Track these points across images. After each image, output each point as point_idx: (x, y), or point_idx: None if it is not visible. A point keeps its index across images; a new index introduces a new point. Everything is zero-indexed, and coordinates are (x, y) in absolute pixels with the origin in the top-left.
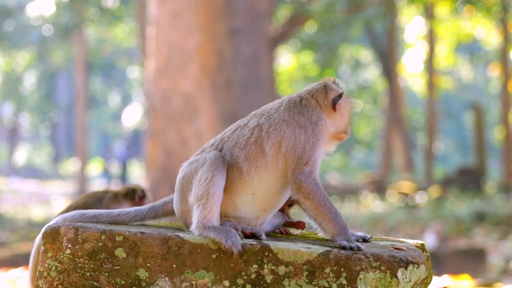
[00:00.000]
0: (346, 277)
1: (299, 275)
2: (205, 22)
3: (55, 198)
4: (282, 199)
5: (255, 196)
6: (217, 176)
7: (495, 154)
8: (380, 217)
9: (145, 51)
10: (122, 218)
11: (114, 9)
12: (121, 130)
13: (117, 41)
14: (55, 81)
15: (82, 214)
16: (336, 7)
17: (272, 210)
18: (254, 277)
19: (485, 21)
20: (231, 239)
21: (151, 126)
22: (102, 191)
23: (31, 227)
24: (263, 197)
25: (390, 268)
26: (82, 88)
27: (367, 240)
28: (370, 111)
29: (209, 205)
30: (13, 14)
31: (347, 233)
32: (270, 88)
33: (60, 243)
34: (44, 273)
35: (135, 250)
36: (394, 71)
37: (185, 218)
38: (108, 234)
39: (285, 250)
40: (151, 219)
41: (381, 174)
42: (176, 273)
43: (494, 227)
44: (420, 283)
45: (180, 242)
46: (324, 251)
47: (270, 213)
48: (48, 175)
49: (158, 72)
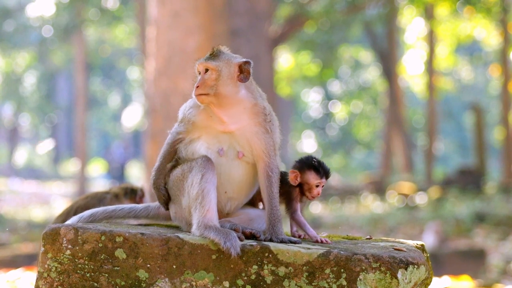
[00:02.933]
0: (346, 278)
1: (299, 276)
2: (205, 23)
3: (55, 199)
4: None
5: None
6: (207, 174)
7: (495, 154)
8: (380, 218)
9: (145, 51)
10: (117, 213)
11: (114, 10)
12: (121, 130)
13: (117, 41)
14: (55, 82)
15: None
16: (336, 8)
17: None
18: (254, 278)
19: (485, 22)
20: (230, 241)
21: (151, 126)
22: (103, 192)
23: (31, 227)
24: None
25: (390, 269)
26: (82, 89)
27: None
28: (370, 112)
29: (206, 203)
30: (13, 15)
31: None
32: (270, 88)
33: (60, 244)
34: (44, 274)
35: (135, 251)
36: (394, 72)
37: (180, 220)
38: (108, 235)
39: (285, 251)
40: (144, 218)
41: (381, 174)
42: (176, 274)
43: (494, 227)
44: (420, 283)
45: (180, 243)
46: (324, 252)
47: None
48: (48, 176)
49: (158, 72)
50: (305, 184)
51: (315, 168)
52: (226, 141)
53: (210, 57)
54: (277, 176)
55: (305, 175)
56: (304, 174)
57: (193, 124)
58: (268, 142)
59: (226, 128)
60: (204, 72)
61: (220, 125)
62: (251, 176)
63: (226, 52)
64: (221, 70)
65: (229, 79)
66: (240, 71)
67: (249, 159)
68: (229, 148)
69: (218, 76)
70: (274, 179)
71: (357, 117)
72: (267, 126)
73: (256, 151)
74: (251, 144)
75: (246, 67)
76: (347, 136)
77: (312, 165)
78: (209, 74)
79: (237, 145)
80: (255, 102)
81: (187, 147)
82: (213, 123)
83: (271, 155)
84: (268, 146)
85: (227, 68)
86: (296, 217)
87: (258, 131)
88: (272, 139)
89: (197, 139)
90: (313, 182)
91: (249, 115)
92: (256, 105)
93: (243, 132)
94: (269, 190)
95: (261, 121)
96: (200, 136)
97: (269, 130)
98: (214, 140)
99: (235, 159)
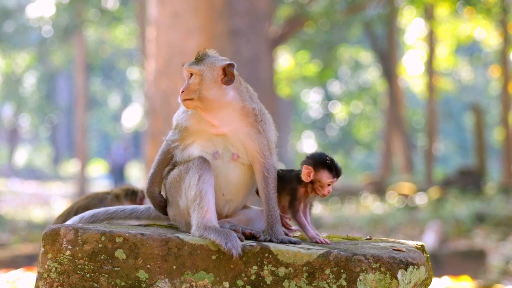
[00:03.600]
0: (346, 278)
1: (299, 276)
2: (205, 23)
3: (55, 199)
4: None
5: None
6: (204, 174)
7: (495, 155)
8: (380, 218)
9: (145, 52)
10: (119, 214)
11: (114, 10)
12: (121, 131)
13: (117, 42)
14: (55, 82)
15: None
16: (336, 8)
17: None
18: (254, 279)
19: (485, 22)
20: (231, 241)
21: (151, 127)
22: (104, 192)
23: (31, 228)
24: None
25: (390, 269)
26: (82, 89)
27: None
28: (370, 112)
29: (204, 204)
30: (13, 15)
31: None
32: (270, 88)
33: (60, 244)
34: (44, 275)
35: (135, 252)
36: (394, 72)
37: (179, 222)
38: (108, 236)
39: (285, 251)
40: (146, 219)
41: (381, 175)
42: (176, 275)
43: (494, 228)
44: (420, 284)
45: (180, 243)
46: (324, 253)
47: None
48: (48, 176)
49: (158, 73)
50: (317, 182)
51: (329, 167)
52: (221, 143)
53: (194, 62)
54: (274, 176)
55: (319, 173)
56: (318, 172)
57: (186, 130)
58: (262, 142)
59: (218, 130)
60: (189, 77)
61: (212, 129)
62: (248, 177)
63: (212, 55)
64: (203, 74)
65: (212, 83)
66: (224, 74)
67: (245, 161)
68: (224, 150)
69: (201, 80)
70: (270, 179)
71: (357, 117)
72: (258, 127)
73: (250, 152)
74: (245, 146)
75: (230, 70)
76: (347, 136)
77: (326, 164)
78: (193, 79)
79: (231, 147)
80: (243, 104)
81: (183, 153)
82: (205, 127)
83: (266, 155)
84: (262, 146)
85: (210, 71)
86: (297, 217)
87: (250, 132)
88: (266, 139)
89: (191, 143)
90: (326, 181)
91: (239, 117)
92: (245, 107)
93: (235, 134)
94: (266, 191)
95: (252, 122)
96: (195, 141)
97: (261, 130)
98: (209, 144)
99: (230, 161)
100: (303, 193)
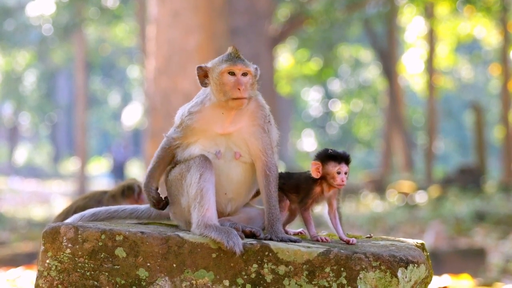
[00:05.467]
0: (346, 277)
1: (299, 274)
2: (205, 22)
3: (55, 198)
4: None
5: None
6: (206, 173)
7: (495, 153)
8: (380, 217)
9: (145, 50)
10: (120, 214)
11: (114, 9)
12: (121, 129)
13: (117, 40)
14: (55, 81)
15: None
16: (336, 6)
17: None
18: (254, 277)
19: (485, 20)
20: (232, 239)
21: (151, 125)
22: (101, 192)
23: (31, 226)
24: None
25: (390, 267)
26: (82, 88)
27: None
28: (370, 111)
29: (205, 202)
30: (13, 14)
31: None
32: (270, 87)
33: (60, 242)
34: (44, 273)
35: (135, 250)
36: (394, 70)
37: (180, 220)
38: (108, 234)
39: (285, 249)
40: (146, 219)
41: (381, 173)
42: (176, 273)
43: (494, 226)
44: (420, 282)
45: (180, 241)
46: (324, 251)
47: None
48: (48, 175)
49: (158, 71)
50: (327, 175)
51: (331, 156)
52: (223, 143)
53: (243, 60)
54: (275, 175)
55: (325, 165)
56: (324, 164)
57: (192, 129)
58: (266, 141)
59: (226, 130)
60: (241, 75)
61: (220, 128)
62: (249, 175)
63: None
64: (254, 74)
65: (255, 83)
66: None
67: (247, 159)
68: (226, 149)
69: (253, 80)
70: (272, 178)
71: (357, 116)
72: (265, 126)
73: (253, 151)
74: (248, 144)
75: (258, 72)
76: (347, 134)
77: (329, 155)
78: (248, 78)
79: (234, 146)
80: (258, 103)
81: (185, 151)
82: (213, 126)
83: (269, 153)
84: (265, 145)
85: (255, 72)
86: (305, 214)
87: (256, 131)
88: (269, 138)
89: (194, 142)
90: (333, 170)
91: (249, 116)
92: (259, 106)
93: (240, 133)
94: (267, 189)
95: (260, 121)
96: (198, 140)
97: (267, 130)
98: (212, 143)
99: (232, 160)
100: (318, 192)
